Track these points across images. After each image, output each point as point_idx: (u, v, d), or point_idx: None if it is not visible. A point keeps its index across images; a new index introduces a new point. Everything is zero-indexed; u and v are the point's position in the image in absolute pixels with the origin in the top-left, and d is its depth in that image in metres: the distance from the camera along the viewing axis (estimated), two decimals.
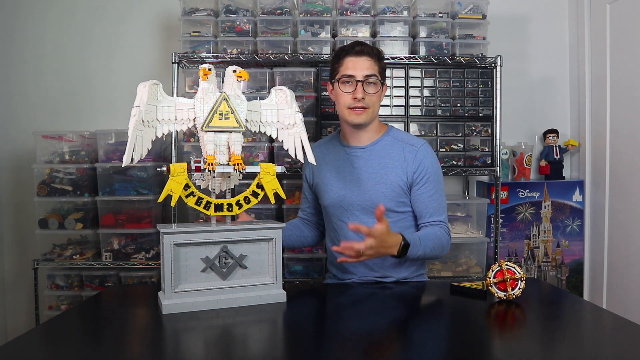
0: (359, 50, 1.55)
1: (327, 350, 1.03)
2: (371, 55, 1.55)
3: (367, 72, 1.53)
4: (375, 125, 1.63)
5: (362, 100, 1.53)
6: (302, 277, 2.27)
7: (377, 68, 1.56)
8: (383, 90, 1.61)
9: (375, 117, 1.62)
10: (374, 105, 1.57)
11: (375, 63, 1.56)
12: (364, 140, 1.63)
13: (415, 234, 1.48)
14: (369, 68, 1.54)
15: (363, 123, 1.57)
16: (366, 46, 1.57)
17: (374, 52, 1.56)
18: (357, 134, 1.63)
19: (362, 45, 1.57)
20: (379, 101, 1.60)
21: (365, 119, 1.56)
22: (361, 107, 1.54)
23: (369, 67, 1.54)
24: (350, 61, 1.55)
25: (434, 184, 1.58)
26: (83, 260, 2.23)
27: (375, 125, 1.63)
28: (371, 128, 1.63)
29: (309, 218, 1.79)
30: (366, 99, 1.54)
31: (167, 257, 1.21)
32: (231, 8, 2.22)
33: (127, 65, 2.57)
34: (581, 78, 2.56)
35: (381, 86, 1.58)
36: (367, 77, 1.53)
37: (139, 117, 1.19)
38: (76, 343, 1.09)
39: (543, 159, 2.56)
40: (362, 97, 1.53)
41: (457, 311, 1.29)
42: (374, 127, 1.63)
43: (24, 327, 2.52)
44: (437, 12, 2.24)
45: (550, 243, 2.49)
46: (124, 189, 2.21)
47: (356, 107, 1.54)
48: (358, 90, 1.53)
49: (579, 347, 1.05)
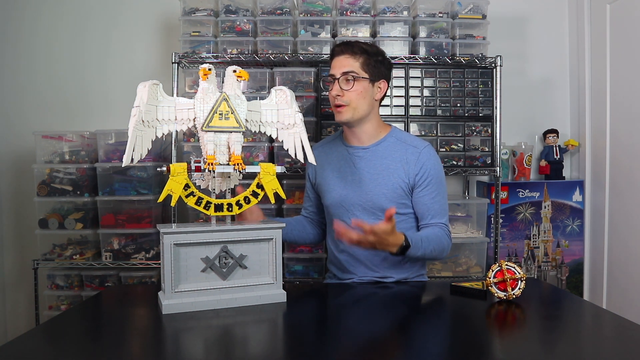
0: (339, 50, 1.58)
1: (327, 350, 1.03)
2: (352, 52, 1.55)
3: (344, 69, 1.54)
4: (374, 125, 1.63)
5: (338, 98, 1.54)
6: (302, 277, 2.27)
7: (357, 64, 1.55)
8: (371, 86, 1.57)
9: (364, 116, 1.58)
10: (354, 101, 1.55)
11: (355, 60, 1.55)
12: (365, 140, 1.63)
13: (417, 235, 1.48)
14: (346, 65, 1.55)
15: (347, 121, 1.57)
16: (348, 44, 1.57)
17: (356, 49, 1.56)
18: (353, 134, 1.63)
19: (345, 44, 1.58)
20: (365, 98, 1.56)
21: (346, 117, 1.56)
22: (340, 105, 1.55)
23: (347, 64, 1.55)
24: (334, 61, 1.59)
25: (436, 187, 1.58)
26: (83, 260, 2.23)
27: (374, 125, 1.63)
28: (369, 128, 1.62)
29: (311, 217, 1.80)
30: (344, 96, 1.54)
31: (167, 257, 1.21)
32: (231, 8, 2.22)
33: (127, 65, 2.57)
34: (581, 78, 2.55)
35: (370, 82, 1.56)
36: (344, 74, 1.54)
37: (139, 117, 1.19)
38: (76, 343, 1.08)
39: (543, 159, 2.56)
40: (337, 94, 1.54)
41: (457, 311, 1.29)
42: (373, 127, 1.62)
43: (24, 327, 2.52)
44: (437, 12, 2.24)
45: (550, 243, 2.49)
46: (124, 189, 2.21)
47: (336, 105, 1.56)
48: (335, 87, 1.55)
49: (579, 347, 1.05)
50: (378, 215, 1.57)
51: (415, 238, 1.44)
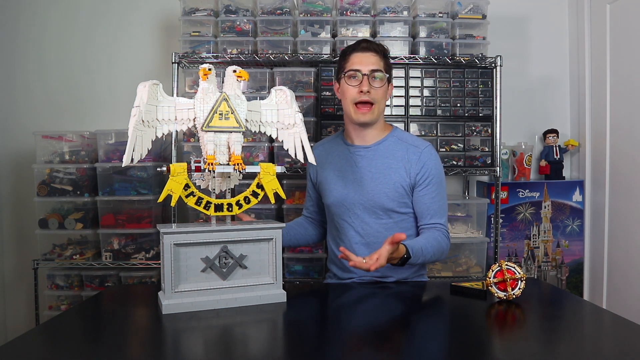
0: (365, 47, 1.57)
1: (327, 350, 1.03)
2: (377, 51, 1.57)
3: (372, 67, 1.54)
4: (380, 125, 1.64)
5: (367, 94, 1.53)
6: (302, 277, 2.27)
7: (382, 64, 1.57)
8: (389, 88, 1.62)
9: (381, 116, 1.62)
10: (380, 101, 1.57)
11: (381, 59, 1.57)
12: (368, 139, 1.63)
13: (417, 243, 1.47)
14: (374, 63, 1.55)
15: (369, 122, 1.58)
16: (372, 43, 1.59)
17: (380, 49, 1.58)
18: (361, 133, 1.63)
19: (368, 42, 1.59)
20: (385, 98, 1.59)
21: (370, 117, 1.56)
22: (367, 102, 1.54)
23: (374, 62, 1.55)
24: (356, 57, 1.57)
25: (436, 186, 1.58)
26: (83, 260, 2.23)
27: (380, 125, 1.64)
28: (376, 127, 1.63)
29: (312, 216, 1.80)
30: (372, 93, 1.54)
31: (167, 257, 1.21)
32: (231, 8, 2.22)
33: (127, 65, 2.57)
34: (581, 78, 2.55)
35: (388, 83, 1.59)
36: (373, 71, 1.54)
37: (139, 117, 1.19)
38: (76, 343, 1.09)
39: (543, 159, 2.56)
40: (368, 91, 1.53)
41: (457, 311, 1.29)
42: (378, 127, 1.63)
43: (24, 327, 2.52)
44: (437, 12, 2.24)
45: (550, 243, 2.49)
46: (124, 189, 2.21)
47: (362, 101, 1.54)
48: (364, 83, 1.53)
49: (579, 347, 1.05)
50: (379, 214, 1.58)
51: (416, 247, 1.43)
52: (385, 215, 1.58)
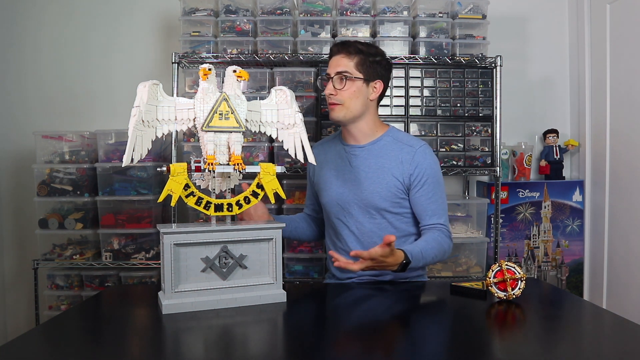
0: (335, 50, 1.59)
1: (327, 350, 1.03)
2: (347, 52, 1.56)
3: (338, 69, 1.55)
4: (370, 125, 1.62)
5: (332, 97, 1.56)
6: (302, 277, 2.27)
7: (352, 64, 1.55)
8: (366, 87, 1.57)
9: (358, 115, 1.59)
10: (347, 101, 1.56)
11: (350, 59, 1.55)
12: (360, 139, 1.63)
13: (417, 247, 1.46)
14: (340, 65, 1.56)
15: (340, 120, 1.59)
16: (345, 44, 1.58)
17: (351, 49, 1.56)
18: (349, 132, 1.64)
19: (341, 44, 1.59)
20: (357, 97, 1.56)
21: (339, 115, 1.57)
22: (333, 103, 1.57)
23: (341, 64, 1.56)
24: (330, 60, 1.60)
25: (432, 186, 1.57)
26: (83, 260, 2.23)
27: (370, 124, 1.62)
28: (364, 127, 1.62)
29: (313, 215, 1.81)
30: (337, 95, 1.55)
31: (167, 257, 1.21)
32: (231, 8, 2.22)
33: (127, 65, 2.57)
34: (581, 78, 2.56)
35: (365, 82, 1.56)
36: (338, 73, 1.55)
37: (139, 117, 1.19)
38: (76, 343, 1.09)
39: (543, 159, 2.56)
40: (331, 93, 1.56)
41: (457, 311, 1.29)
42: (368, 126, 1.62)
43: (24, 327, 2.52)
44: (437, 12, 2.24)
45: (550, 243, 2.49)
46: (124, 189, 2.21)
47: (330, 103, 1.58)
48: (329, 86, 1.57)
49: (579, 347, 1.05)
50: (372, 214, 1.58)
51: (415, 252, 1.43)
52: (378, 215, 1.58)
